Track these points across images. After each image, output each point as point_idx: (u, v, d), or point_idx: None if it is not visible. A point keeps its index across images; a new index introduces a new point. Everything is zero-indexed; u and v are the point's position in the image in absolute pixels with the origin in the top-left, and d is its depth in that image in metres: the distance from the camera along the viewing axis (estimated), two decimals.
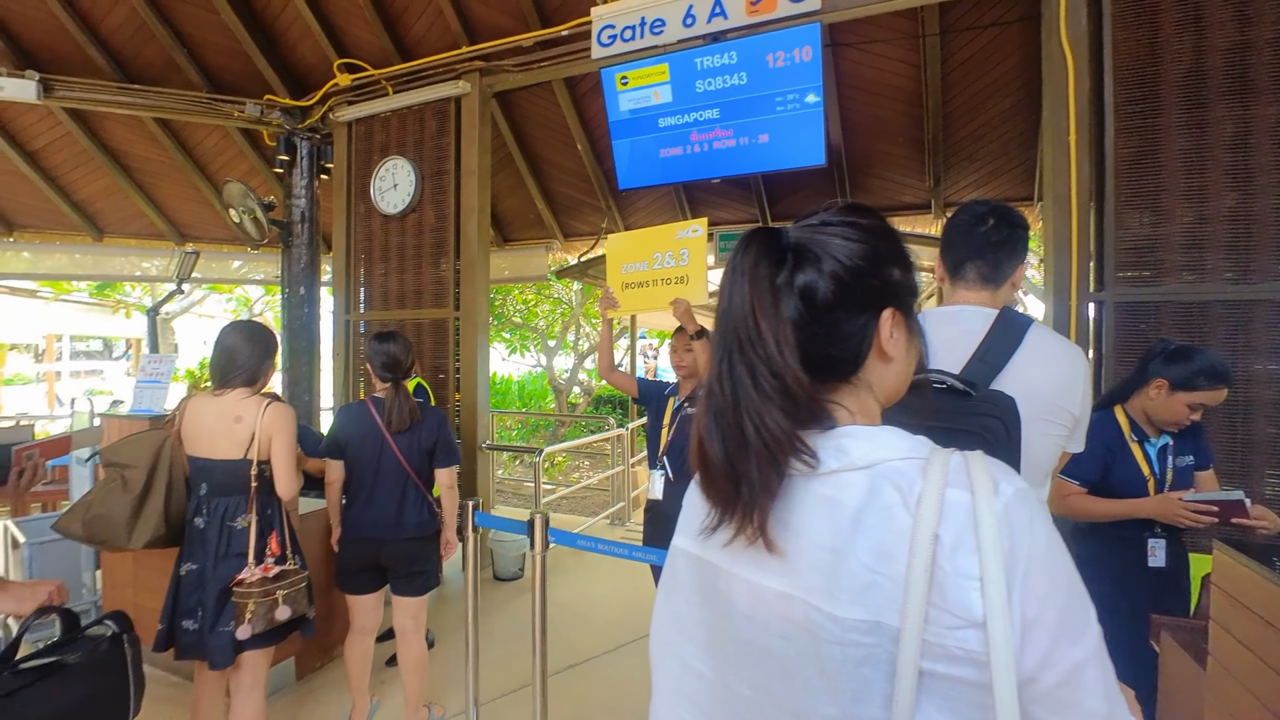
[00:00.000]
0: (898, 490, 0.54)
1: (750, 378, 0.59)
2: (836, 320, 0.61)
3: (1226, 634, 1.53)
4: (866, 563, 0.53)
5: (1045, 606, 0.50)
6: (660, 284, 2.48)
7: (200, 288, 10.02)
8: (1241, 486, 2.61)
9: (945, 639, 0.50)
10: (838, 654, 0.54)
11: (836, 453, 0.58)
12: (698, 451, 0.63)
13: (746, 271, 0.60)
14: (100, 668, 1.46)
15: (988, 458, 0.56)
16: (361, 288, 4.64)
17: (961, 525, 0.51)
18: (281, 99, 4.72)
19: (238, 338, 2.07)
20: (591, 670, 3.09)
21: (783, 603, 0.58)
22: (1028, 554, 0.51)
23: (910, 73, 4.06)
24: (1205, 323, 2.67)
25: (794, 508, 0.59)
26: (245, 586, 1.95)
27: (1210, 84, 2.69)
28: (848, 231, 0.62)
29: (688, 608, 0.69)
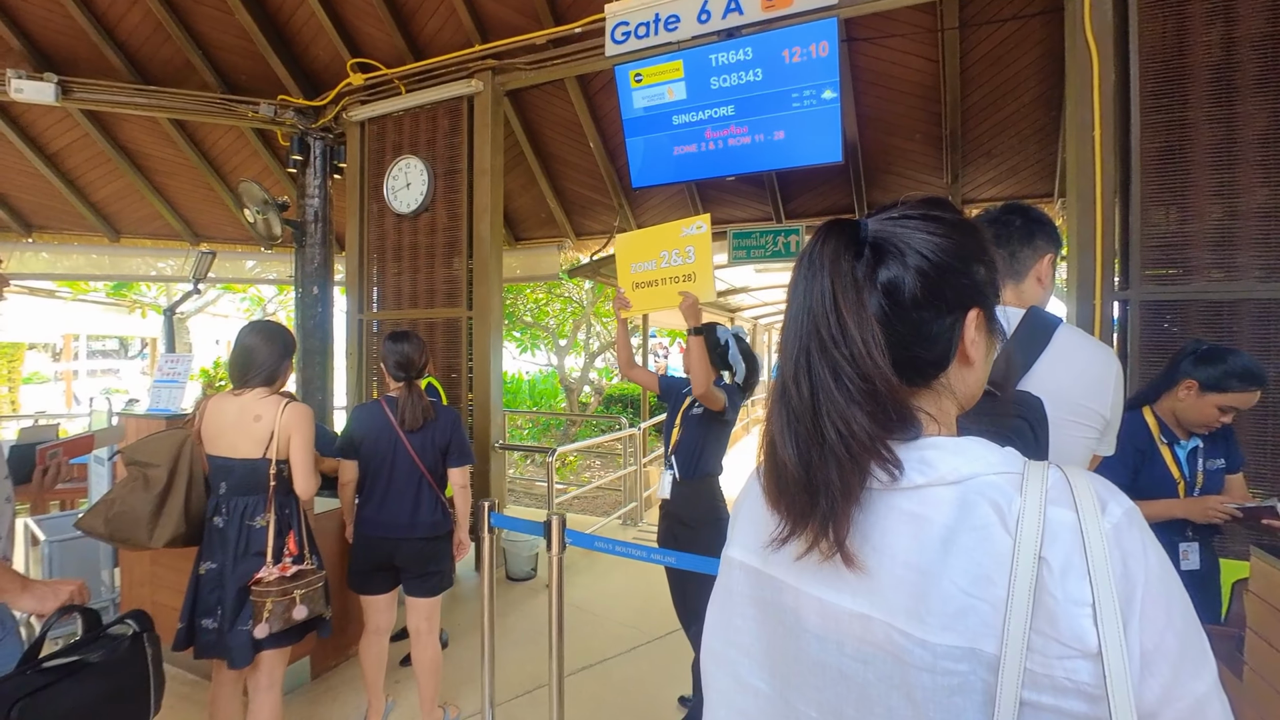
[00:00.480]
0: (994, 508, 0.51)
1: (834, 379, 0.55)
2: (923, 320, 0.57)
3: (1264, 643, 1.49)
4: (962, 586, 0.50)
5: (1165, 637, 0.47)
6: (669, 282, 2.49)
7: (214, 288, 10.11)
8: (1273, 489, 2.55)
9: (1053, 669, 0.47)
10: (927, 681, 0.50)
11: (921, 465, 0.55)
12: (769, 458, 0.60)
13: (827, 265, 0.56)
14: (122, 666, 1.46)
15: (1090, 474, 0.53)
16: (375, 287, 4.65)
17: (1070, 547, 0.48)
18: (295, 99, 4.73)
19: (256, 338, 2.09)
20: (606, 671, 3.07)
21: (860, 624, 0.55)
22: (1144, 579, 0.48)
23: (928, 68, 4.00)
24: (1235, 322, 2.61)
25: (874, 524, 0.55)
26: (263, 586, 1.96)
27: (1240, 77, 2.62)
28: (931, 226, 0.58)
29: (743, 622, 0.65)
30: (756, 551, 0.64)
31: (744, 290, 10.80)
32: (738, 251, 5.29)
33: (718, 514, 2.50)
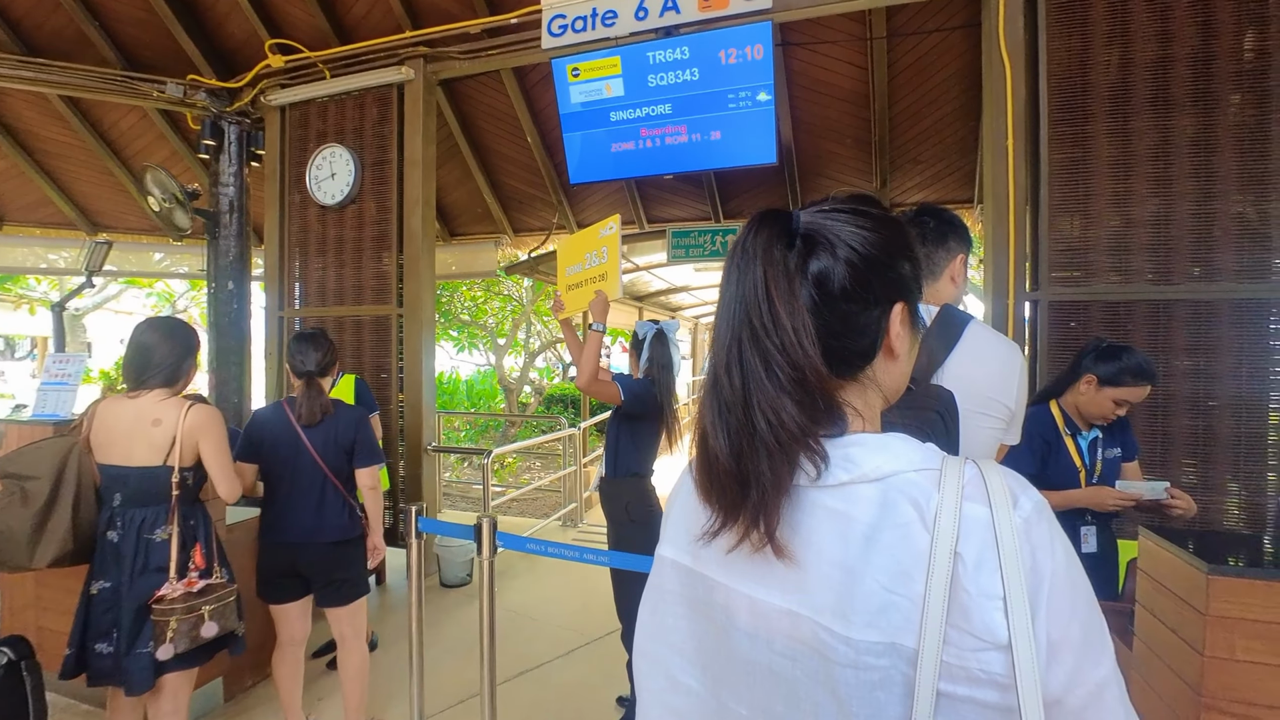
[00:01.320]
0: (914, 506, 0.51)
1: (764, 368, 0.55)
2: (851, 311, 0.58)
3: (1150, 616, 1.61)
4: (883, 583, 0.51)
5: (1070, 627, 0.49)
6: (590, 283, 2.52)
7: (116, 281, 9.31)
8: (1162, 475, 2.77)
9: (967, 661, 0.48)
10: (851, 677, 0.51)
11: (845, 463, 0.55)
12: (700, 450, 0.60)
13: (760, 254, 0.56)
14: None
15: (1003, 468, 0.54)
16: (297, 282, 4.40)
17: (983, 542, 0.49)
18: (207, 79, 4.41)
19: (154, 335, 1.94)
20: (544, 676, 3.01)
21: (788, 621, 0.55)
22: (1051, 572, 0.49)
23: (858, 75, 4.14)
24: (1130, 321, 2.82)
25: (801, 521, 0.55)
26: (167, 603, 1.81)
27: (1134, 96, 2.84)
28: (860, 220, 0.59)
29: (675, 620, 0.65)
30: (688, 549, 0.64)
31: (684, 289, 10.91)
32: (676, 250, 5.33)
33: (643, 513, 2.49)
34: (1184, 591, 1.46)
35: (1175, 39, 2.78)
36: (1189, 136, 2.77)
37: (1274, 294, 2.66)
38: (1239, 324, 2.71)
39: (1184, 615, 1.46)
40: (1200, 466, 2.76)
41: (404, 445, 4.06)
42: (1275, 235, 2.68)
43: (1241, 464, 2.71)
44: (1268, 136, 2.69)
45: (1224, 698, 1.36)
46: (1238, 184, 2.73)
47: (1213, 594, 1.37)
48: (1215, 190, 2.74)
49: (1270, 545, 1.88)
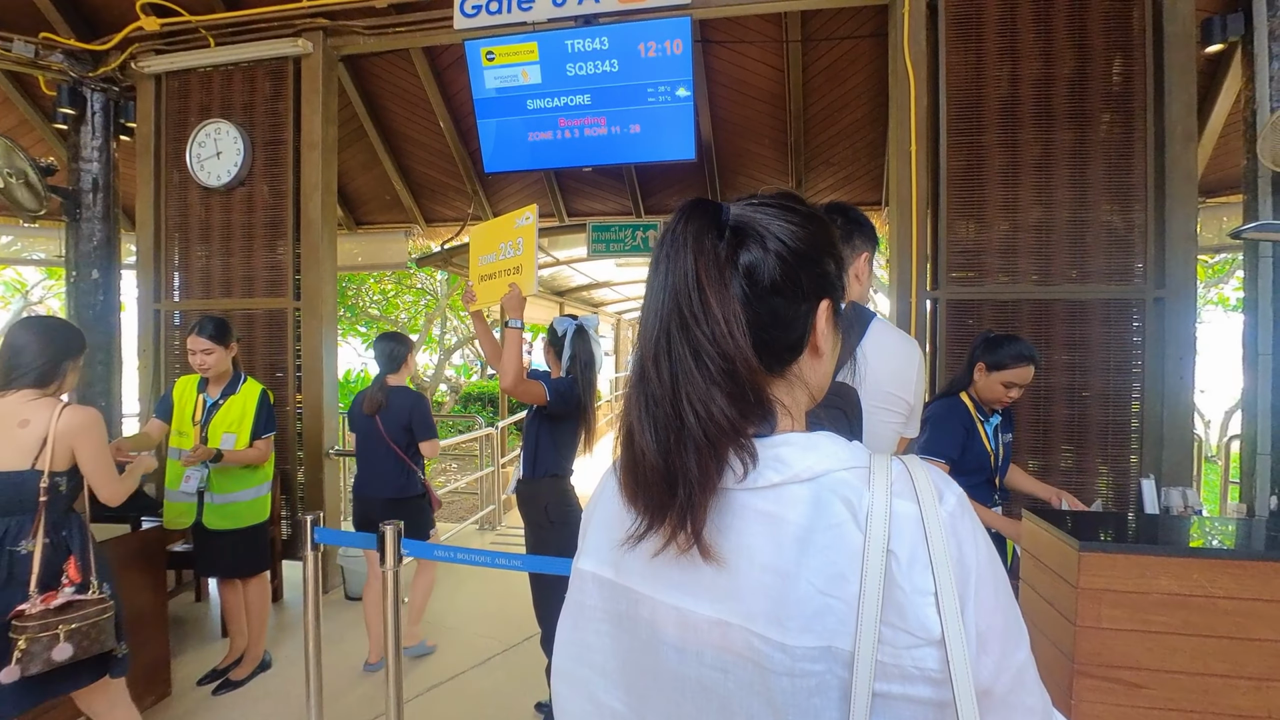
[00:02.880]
0: (846, 505, 0.50)
1: (694, 359, 0.53)
2: (780, 305, 0.56)
3: (1031, 590, 1.74)
4: (818, 586, 0.49)
5: (994, 616, 0.50)
6: (503, 274, 2.41)
7: None
8: (1043, 459, 3.02)
9: (902, 659, 0.48)
10: (787, 685, 0.49)
11: (776, 464, 0.53)
12: (626, 448, 0.57)
13: (690, 242, 0.54)
14: None
15: (925, 463, 0.54)
16: (176, 272, 3.97)
17: (914, 539, 0.49)
18: (64, 39, 3.89)
19: (28, 334, 1.85)
20: (459, 687, 2.88)
21: (719, 631, 0.52)
22: (975, 563, 0.50)
23: (775, 76, 4.23)
24: (1017, 319, 3.04)
25: (731, 525, 0.53)
26: (23, 620, 1.67)
27: (1021, 109, 3.06)
28: (789, 215, 0.58)
29: (597, 639, 0.62)
30: (610, 561, 0.61)
31: (606, 284, 10.85)
32: (596, 245, 5.26)
33: (562, 515, 2.44)
34: (1059, 567, 1.59)
35: (1056, 59, 3.02)
36: (1067, 149, 3.02)
37: (1136, 295, 2.95)
38: (1107, 322, 2.98)
39: (1059, 589, 1.58)
40: (1075, 451, 3.03)
41: (302, 451, 3.77)
42: (1137, 242, 2.97)
43: (1110, 449, 3.00)
44: (1130, 153, 2.97)
45: (1093, 663, 1.48)
46: (1106, 195, 3.00)
47: (1083, 568, 1.49)
48: (1088, 200, 3.00)
49: (1133, 522, 2.09)
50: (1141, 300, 2.95)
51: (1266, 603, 1.41)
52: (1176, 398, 2.89)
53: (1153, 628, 1.46)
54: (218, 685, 2.83)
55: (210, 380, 2.78)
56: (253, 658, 2.94)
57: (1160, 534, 1.82)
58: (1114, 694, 1.47)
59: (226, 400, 2.77)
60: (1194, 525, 1.89)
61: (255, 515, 2.83)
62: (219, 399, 2.77)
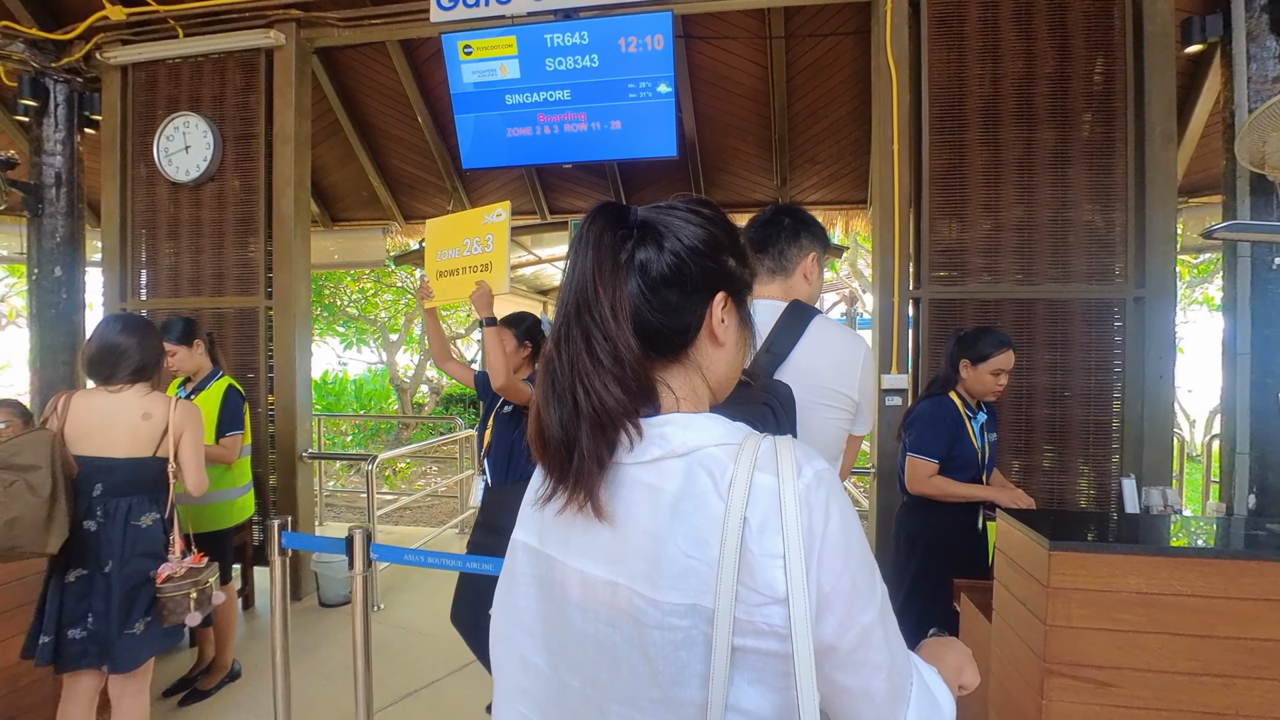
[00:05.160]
0: (710, 476, 0.56)
1: (585, 343, 0.59)
2: (670, 295, 0.62)
3: (1006, 591, 1.73)
4: (684, 549, 0.55)
5: (840, 580, 0.54)
6: (468, 271, 2.40)
7: None
8: (1024, 459, 3.02)
9: (753, 616, 0.53)
10: (658, 637, 0.55)
11: (660, 440, 0.59)
12: (534, 421, 0.63)
13: (592, 241, 0.61)
14: None
15: (797, 443, 0.59)
16: (144, 270, 3.85)
17: (768, 508, 0.54)
18: (24, 28, 3.75)
19: (126, 334, 2.01)
20: (435, 695, 2.81)
21: (610, 590, 0.59)
22: (823, 532, 0.54)
23: (759, 73, 4.20)
24: (999, 318, 3.03)
25: (621, 496, 0.59)
26: (176, 581, 1.96)
27: (1003, 109, 3.05)
28: (691, 217, 0.64)
29: (526, 602, 0.68)
30: (535, 531, 0.68)
31: None
32: None
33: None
34: (1031, 566, 1.59)
35: (1038, 58, 3.01)
36: (1049, 149, 3.02)
37: (1117, 295, 2.95)
38: (1089, 322, 2.98)
39: (1031, 588, 1.58)
40: (1057, 451, 3.03)
41: (274, 453, 3.67)
42: (1117, 242, 2.97)
43: (1091, 448, 3.00)
44: (1112, 153, 2.97)
45: (1063, 661, 1.48)
46: (1088, 194, 3.00)
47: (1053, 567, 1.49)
48: (1070, 199, 3.00)
49: (1114, 522, 2.08)
50: (1122, 300, 2.95)
51: (1233, 600, 1.41)
52: (1157, 397, 2.90)
53: (1122, 626, 1.46)
54: (184, 695, 2.74)
55: (188, 379, 2.81)
56: (220, 666, 2.85)
57: (1132, 533, 1.82)
58: (1084, 693, 1.48)
59: (195, 397, 2.73)
60: (1171, 525, 1.90)
61: (218, 520, 2.74)
62: (189, 395, 2.75)
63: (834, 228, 5.27)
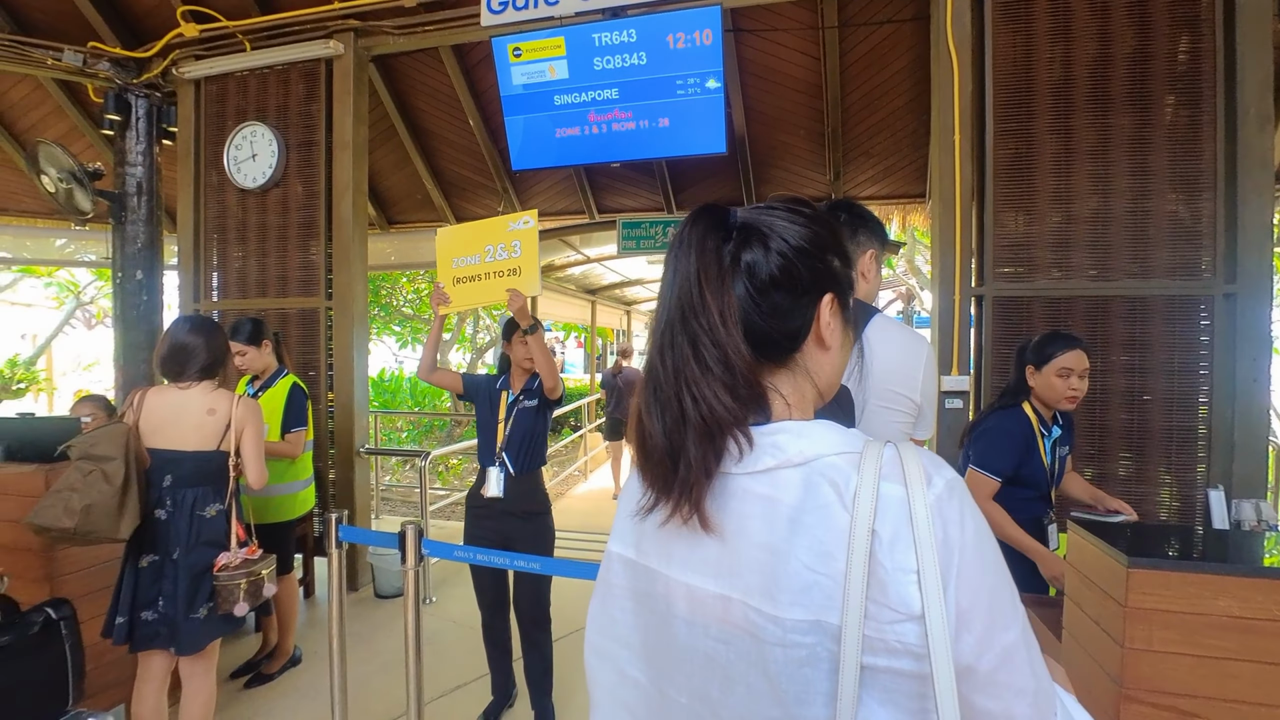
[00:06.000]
0: (834, 487, 0.54)
1: (692, 349, 0.58)
2: (780, 298, 0.60)
3: (1077, 608, 1.61)
4: (806, 562, 0.53)
5: (979, 596, 0.51)
6: (493, 277, 2.49)
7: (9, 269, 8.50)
8: (1099, 467, 2.83)
9: (885, 633, 0.50)
10: (780, 655, 0.53)
11: (772, 449, 0.57)
12: (636, 429, 0.62)
13: (694, 245, 0.60)
14: (33, 651, 1.54)
15: (921, 450, 0.56)
16: (214, 272, 4.06)
17: (898, 519, 0.51)
18: (110, 48, 4.01)
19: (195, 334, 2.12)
20: (483, 689, 2.84)
21: (721, 605, 0.57)
22: (960, 545, 0.51)
23: (811, 64, 4.09)
24: (1070, 317, 2.85)
25: (732, 508, 0.57)
26: (230, 571, 2.04)
27: (1076, 93, 2.86)
28: (793, 217, 0.63)
29: (622, 615, 0.67)
30: (633, 543, 0.67)
31: (639, 282, 10.80)
32: (627, 242, 5.20)
33: (549, 502, 2.60)
34: (1106, 584, 1.47)
35: (1115, 38, 2.82)
36: (1126, 135, 2.82)
37: (1204, 291, 2.73)
38: (1171, 320, 2.77)
39: (1106, 607, 1.47)
40: (1135, 459, 2.83)
41: (334, 449, 3.80)
42: (1205, 234, 2.75)
43: (1173, 457, 2.79)
44: (1198, 137, 2.75)
45: (1142, 688, 1.37)
46: (1170, 183, 2.78)
47: (1131, 586, 1.37)
48: (1150, 189, 2.79)
49: (1200, 538, 1.92)
50: (1209, 296, 2.73)
51: None
52: (1249, 402, 2.66)
53: (1210, 652, 1.33)
54: (250, 678, 2.87)
55: (256, 377, 2.94)
56: (283, 652, 2.98)
57: (1221, 550, 1.67)
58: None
59: (264, 393, 2.87)
60: (1266, 542, 1.73)
61: (281, 512, 2.86)
62: (258, 392, 2.89)
63: (891, 223, 5.09)
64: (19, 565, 2.20)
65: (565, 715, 2.64)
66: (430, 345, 2.62)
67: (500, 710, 2.62)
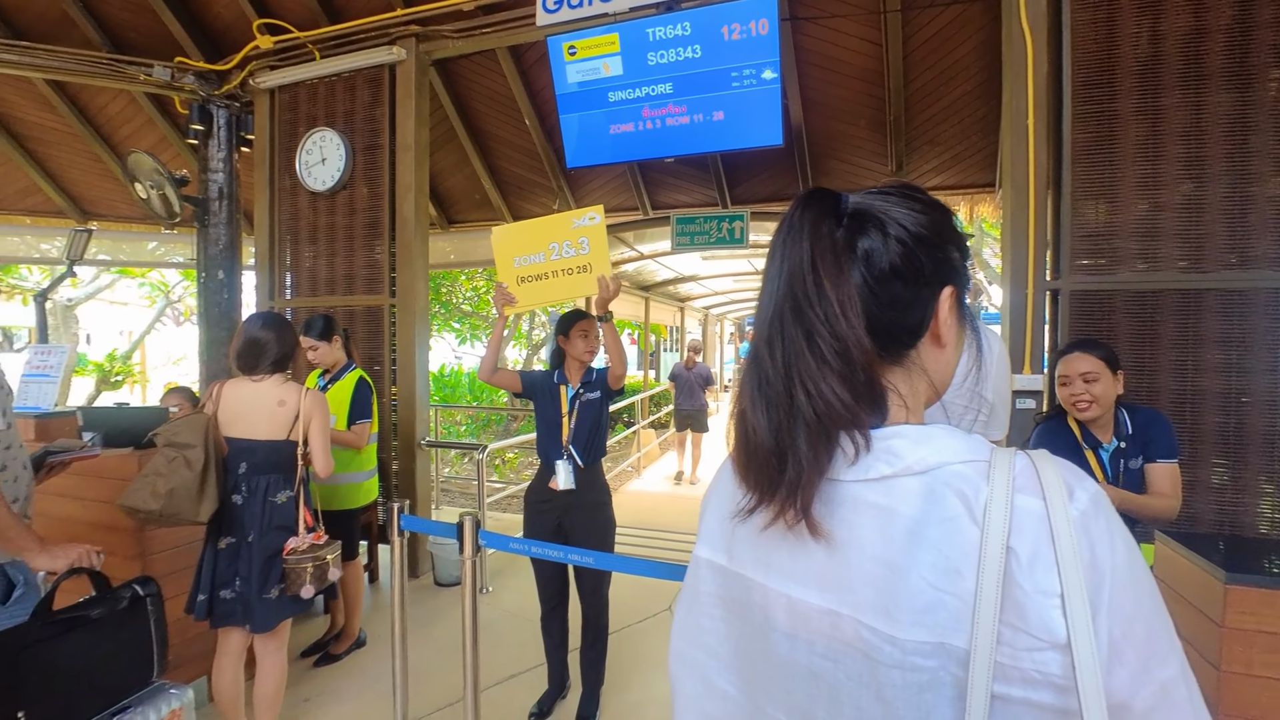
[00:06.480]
0: (961, 499, 0.49)
1: (806, 341, 0.54)
2: (900, 289, 0.56)
3: None
4: (930, 580, 0.49)
5: (1134, 625, 0.47)
6: (561, 274, 2.48)
7: (109, 271, 9.23)
8: (1190, 474, 2.61)
9: (1022, 661, 0.46)
10: (897, 678, 0.49)
11: (887, 455, 0.53)
12: (739, 426, 0.59)
13: (807, 230, 0.56)
14: (121, 624, 1.63)
15: (1058, 459, 0.51)
16: (288, 272, 4.28)
17: (1036, 536, 0.47)
18: (195, 62, 4.28)
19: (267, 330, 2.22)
20: (536, 679, 2.90)
21: (829, 621, 0.53)
22: (1110, 567, 0.47)
23: (872, 51, 3.95)
24: (1158, 311, 2.65)
25: (841, 517, 0.54)
26: (298, 555, 2.14)
27: (1166, 71, 2.65)
28: (910, 203, 0.59)
29: (710, 622, 0.64)
30: (723, 548, 0.64)
31: (693, 279, 10.75)
32: (681, 237, 5.17)
33: (610, 493, 2.66)
34: (1200, 601, 1.37)
35: (1210, 8, 2.59)
36: (1224, 114, 2.58)
37: None
38: (1275, 315, 2.53)
39: (1200, 626, 1.37)
40: (1231, 466, 2.60)
41: (397, 440, 3.95)
42: None
43: (1276, 463, 2.55)
44: None
45: (1240, 715, 1.27)
46: (1277, 165, 2.54)
47: (1230, 604, 1.27)
48: (1253, 172, 2.56)
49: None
50: None
51: None
52: None
53: None
54: (318, 658, 3.02)
55: (326, 371, 3.08)
56: (349, 634, 3.12)
57: None
58: None
59: (333, 386, 3.00)
60: None
61: (347, 500, 2.99)
62: (327, 384, 3.02)
63: (957, 214, 4.88)
64: (114, 544, 2.38)
65: (613, 709, 2.66)
66: (493, 347, 2.63)
67: (554, 700, 2.66)
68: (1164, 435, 2.05)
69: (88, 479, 2.48)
